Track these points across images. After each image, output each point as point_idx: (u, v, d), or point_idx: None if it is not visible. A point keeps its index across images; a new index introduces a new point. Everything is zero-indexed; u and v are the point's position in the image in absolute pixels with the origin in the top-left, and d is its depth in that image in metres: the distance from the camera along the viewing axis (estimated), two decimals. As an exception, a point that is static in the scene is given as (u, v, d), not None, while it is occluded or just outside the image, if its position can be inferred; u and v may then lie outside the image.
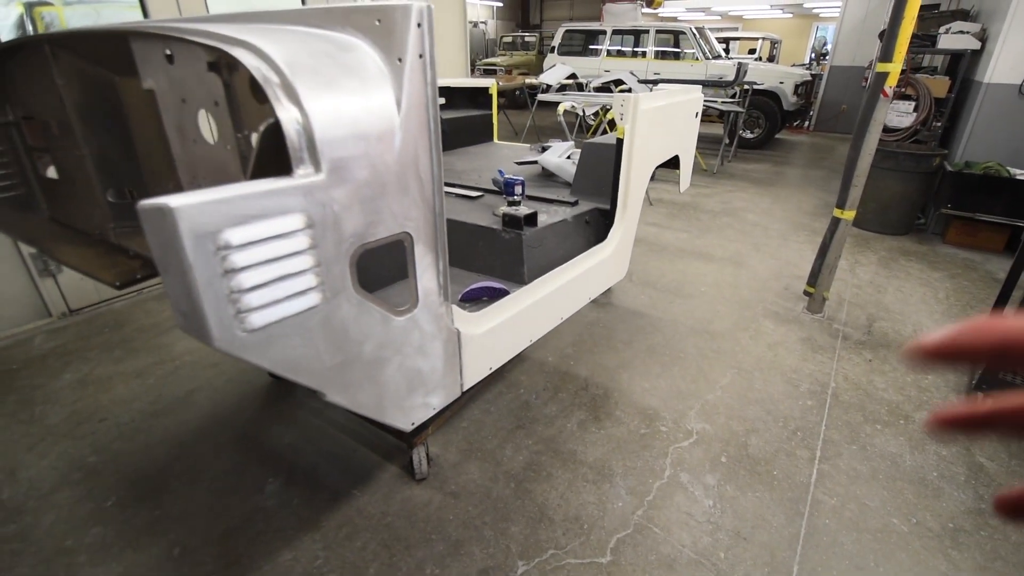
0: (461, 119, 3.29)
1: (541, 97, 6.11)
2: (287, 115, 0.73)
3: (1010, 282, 2.65)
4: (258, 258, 0.71)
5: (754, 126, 8.36)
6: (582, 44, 9.77)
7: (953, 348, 0.26)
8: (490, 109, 3.51)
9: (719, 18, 17.59)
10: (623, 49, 9.45)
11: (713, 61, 8.31)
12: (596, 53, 9.46)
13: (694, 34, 8.40)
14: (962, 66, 4.87)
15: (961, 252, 4.22)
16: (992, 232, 4.19)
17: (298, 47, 0.81)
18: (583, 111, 5.16)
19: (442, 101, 3.43)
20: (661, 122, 1.93)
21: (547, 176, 2.61)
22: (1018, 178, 4.01)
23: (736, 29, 16.95)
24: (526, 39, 15.02)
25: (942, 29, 5.03)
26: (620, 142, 1.78)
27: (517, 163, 2.77)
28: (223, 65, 0.83)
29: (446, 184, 1.98)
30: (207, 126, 0.92)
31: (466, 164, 2.92)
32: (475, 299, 1.60)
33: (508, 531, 1.65)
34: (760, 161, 7.46)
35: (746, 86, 7.17)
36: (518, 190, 1.80)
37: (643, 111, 1.74)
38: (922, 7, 6.73)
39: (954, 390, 2.46)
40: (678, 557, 1.59)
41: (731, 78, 7.73)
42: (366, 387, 0.96)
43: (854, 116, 9.89)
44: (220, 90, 0.84)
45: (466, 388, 1.24)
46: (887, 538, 1.69)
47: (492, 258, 1.75)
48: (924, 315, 3.14)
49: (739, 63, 7.09)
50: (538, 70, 12.44)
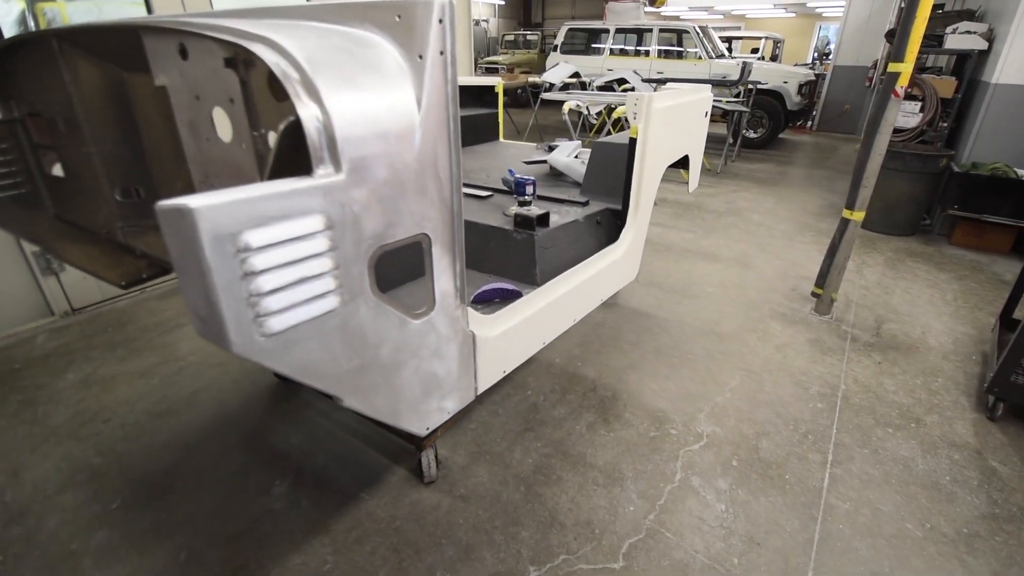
0: (467, 118, 3.26)
1: (546, 96, 6.08)
2: (307, 113, 0.71)
3: (1020, 285, 2.63)
4: (278, 261, 0.69)
5: (757, 126, 8.34)
6: (585, 43, 9.73)
7: None
8: (496, 108, 3.48)
9: (721, 17, 17.55)
10: (626, 48, 9.42)
11: (717, 60, 8.28)
12: (599, 52, 9.43)
13: (698, 33, 8.37)
14: (969, 66, 4.85)
15: (968, 253, 4.20)
16: (999, 233, 4.17)
17: (317, 43, 0.79)
18: (587, 110, 5.13)
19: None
20: (673, 121, 1.91)
21: (555, 176, 2.59)
22: (1026, 179, 3.98)
23: (739, 28, 16.93)
24: (528, 37, 14.99)
25: (949, 29, 5.00)
26: (633, 142, 1.76)
27: (526, 162, 2.74)
28: (240, 61, 0.81)
29: (455, 183, 1.95)
30: (222, 124, 0.90)
31: (474, 163, 2.90)
32: (487, 300, 1.58)
33: (519, 536, 1.64)
34: (764, 161, 7.44)
35: (750, 85, 7.14)
36: (529, 190, 1.78)
37: (656, 110, 1.72)
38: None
39: (964, 393, 2.44)
40: (691, 563, 1.57)
41: (734, 77, 7.70)
42: (382, 391, 0.94)
43: (857, 116, 9.88)
44: (236, 87, 0.82)
45: (480, 392, 1.22)
46: (902, 544, 1.67)
47: (504, 259, 1.73)
48: (932, 317, 3.12)
49: (744, 62, 7.05)
50: (540, 68, 12.41)
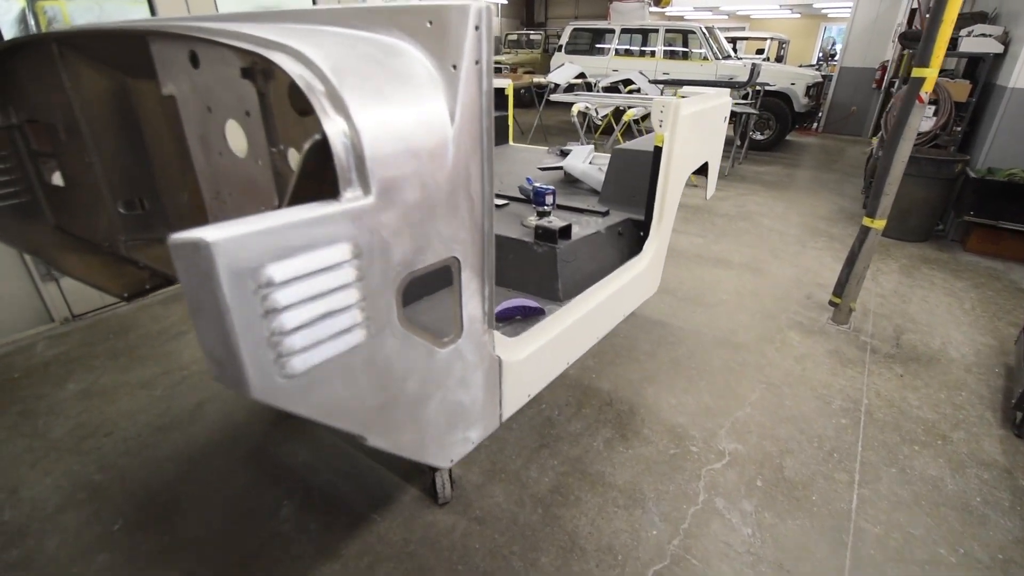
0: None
1: (554, 97, 6.00)
2: (334, 129, 0.64)
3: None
4: (302, 295, 0.62)
5: (764, 127, 8.26)
6: (589, 43, 9.65)
7: None
8: (505, 110, 3.41)
9: (726, 17, 17.46)
10: (631, 48, 9.34)
11: (723, 61, 8.21)
12: (604, 52, 9.35)
13: (704, 34, 8.29)
14: (983, 70, 4.78)
15: (983, 260, 4.12)
16: (1016, 240, 4.09)
17: (343, 51, 0.72)
18: (596, 112, 5.06)
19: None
20: (697, 128, 1.84)
21: (570, 182, 2.52)
22: (1044, 185, 3.91)
23: (743, 29, 16.84)
24: (531, 37, 14.90)
25: (963, 32, 4.92)
26: (658, 150, 1.68)
27: (541, 168, 2.67)
28: (258, 71, 0.74)
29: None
30: (236, 138, 0.83)
31: (483, 168, 2.82)
32: (508, 318, 1.51)
33: (538, 562, 1.57)
34: (771, 163, 7.37)
35: (757, 87, 7.07)
36: (549, 200, 1.71)
37: (683, 117, 1.65)
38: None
39: (990, 408, 2.37)
40: (719, 592, 1.50)
41: (741, 79, 7.63)
42: (408, 427, 0.87)
43: (864, 118, 9.79)
44: (253, 99, 0.75)
45: (505, 419, 1.16)
46: (936, 571, 1.60)
47: (523, 273, 1.66)
48: (952, 327, 3.05)
49: (753, 64, 6.98)
50: (544, 68, 12.32)
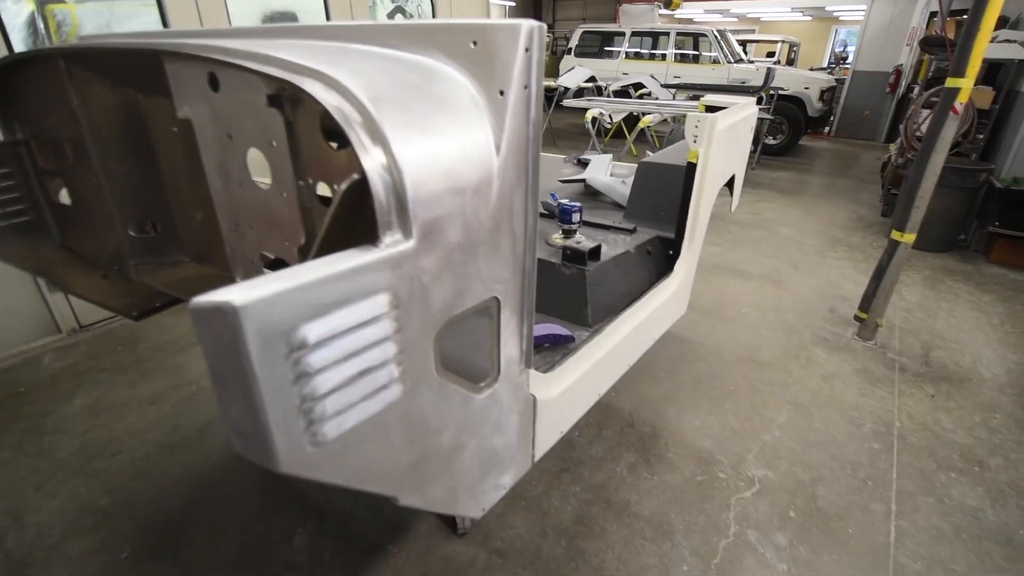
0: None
1: (567, 103, 5.91)
2: (375, 166, 0.57)
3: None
4: (336, 355, 0.55)
5: (776, 132, 8.15)
6: (599, 46, 9.57)
7: None
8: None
9: (736, 20, 17.34)
10: (641, 51, 9.25)
11: (735, 65, 8.11)
12: (614, 55, 9.26)
13: (716, 37, 8.20)
14: (1007, 76, 4.67)
15: (1008, 272, 4.01)
16: (1043, 252, 3.98)
17: (380, 77, 0.65)
18: (611, 118, 4.98)
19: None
20: (729, 141, 1.76)
21: (591, 194, 2.44)
22: (1073, 196, 3.80)
23: (753, 31, 16.72)
24: (540, 40, 14.81)
25: (986, 37, 4.81)
26: (692, 166, 1.60)
27: (561, 181, 2.59)
28: (286, 98, 0.67)
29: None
30: (258, 168, 0.76)
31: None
32: (537, 347, 1.43)
33: (564, 600, 1.49)
34: (784, 169, 7.26)
35: (771, 91, 6.97)
36: (575, 218, 1.64)
37: (719, 131, 1.57)
38: (958, 14, 6.50)
39: (1028, 431, 2.28)
40: (757, 636, 1.42)
41: (754, 82, 7.53)
42: (441, 481, 0.80)
43: (877, 122, 9.67)
44: (280, 128, 0.68)
45: (537, 460, 1.08)
46: (984, 613, 1.52)
47: (549, 296, 1.58)
48: (981, 343, 2.95)
49: (768, 68, 6.88)
50: (552, 71, 12.25)
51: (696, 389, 2.42)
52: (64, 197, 1.38)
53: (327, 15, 3.75)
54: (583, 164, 2.87)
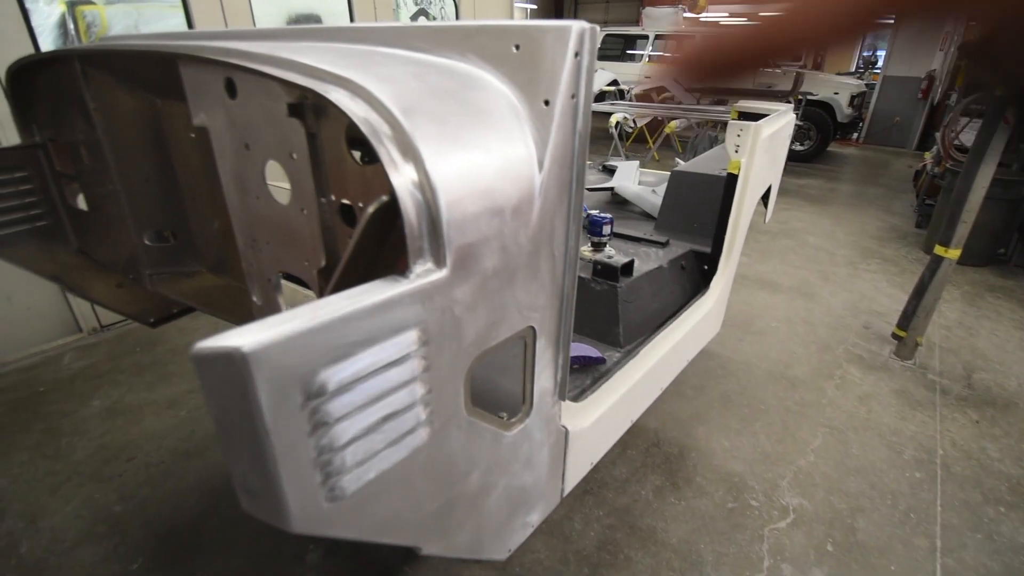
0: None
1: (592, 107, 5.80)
2: (406, 186, 0.50)
3: None
4: (357, 401, 0.48)
5: (804, 138, 7.95)
6: (621, 48, 9.45)
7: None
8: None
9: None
10: (665, 55, 9.10)
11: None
12: (636, 58, 9.14)
13: (743, 41, 8.02)
14: (1054, 82, 4.45)
15: (1054, 289, 3.82)
16: (1092, 268, 3.77)
17: (412, 84, 0.58)
18: (635, 122, 4.88)
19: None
20: (770, 150, 1.66)
21: (619, 203, 2.35)
22: None
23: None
24: (561, 43, 14.74)
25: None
26: (732, 177, 1.51)
27: (588, 189, 2.51)
28: (308, 107, 0.61)
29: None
30: (277, 181, 0.70)
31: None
32: (563, 365, 1.36)
33: (587, 635, 1.41)
34: (812, 176, 7.07)
35: (800, 96, 6.79)
36: (606, 230, 1.56)
37: (761, 140, 1.47)
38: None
39: (1083, 463, 2.12)
40: None
41: (781, 87, 7.34)
42: (467, 525, 0.73)
43: (908, 129, 9.37)
44: (301, 140, 0.62)
45: (566, 494, 1.01)
46: (1045, 666, 1.39)
47: (579, 314, 1.48)
48: (1028, 365, 2.79)
49: (797, 72, 6.71)
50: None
51: (725, 408, 2.32)
52: (82, 202, 1.34)
53: (351, 18, 3.72)
54: (609, 171, 2.78)
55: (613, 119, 4.75)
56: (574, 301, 0.76)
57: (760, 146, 1.46)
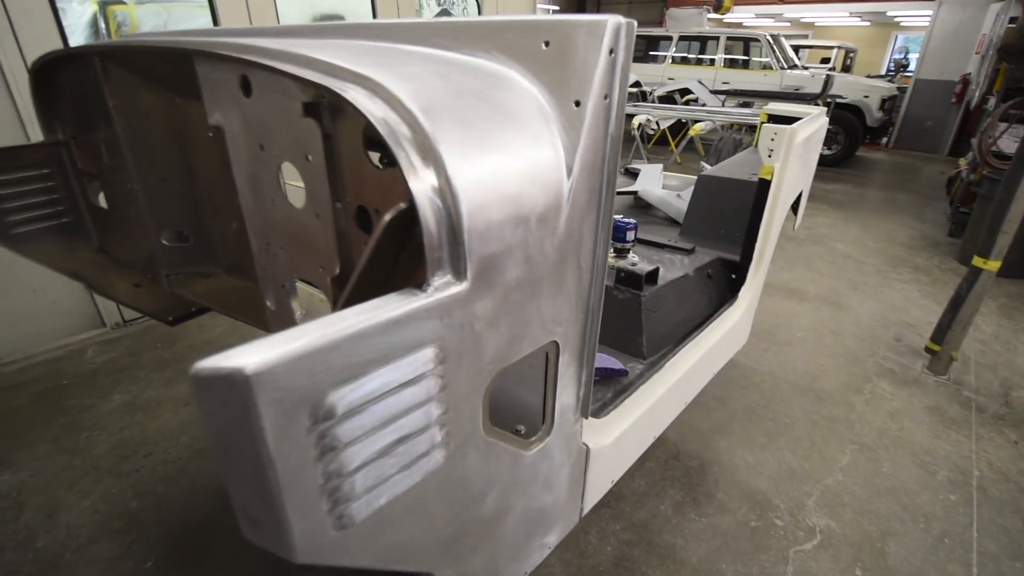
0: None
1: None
2: (424, 190, 0.47)
3: None
4: (368, 424, 0.45)
5: (831, 142, 7.75)
6: (644, 50, 9.33)
7: None
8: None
9: (788, 25, 16.71)
10: (688, 56, 8.97)
11: (788, 71, 7.75)
12: (659, 59, 9.02)
13: (769, 42, 7.86)
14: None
15: (1099, 303, 3.64)
16: None
17: (435, 83, 0.55)
18: (657, 124, 4.80)
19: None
20: (803, 155, 1.59)
21: (641, 207, 2.29)
22: None
23: (806, 36, 16.06)
24: (583, 44, 14.65)
25: (1078, 43, 4.41)
26: (765, 183, 1.45)
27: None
28: (324, 107, 0.58)
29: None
30: (292, 183, 0.68)
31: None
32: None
33: (603, 655, 1.36)
34: (839, 181, 6.89)
35: (828, 99, 6.62)
36: (630, 236, 1.51)
37: (796, 145, 1.41)
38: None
39: None
40: None
41: (808, 90, 7.17)
42: (482, 549, 0.69)
43: (940, 134, 9.07)
44: (316, 141, 0.59)
45: (585, 514, 0.96)
46: None
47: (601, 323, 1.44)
48: (1071, 384, 2.65)
49: (827, 75, 6.54)
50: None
51: (749, 421, 2.25)
52: (103, 201, 1.34)
53: (374, 18, 3.73)
54: (631, 174, 2.73)
55: (636, 121, 4.68)
56: (600, 314, 0.72)
57: (795, 151, 1.39)
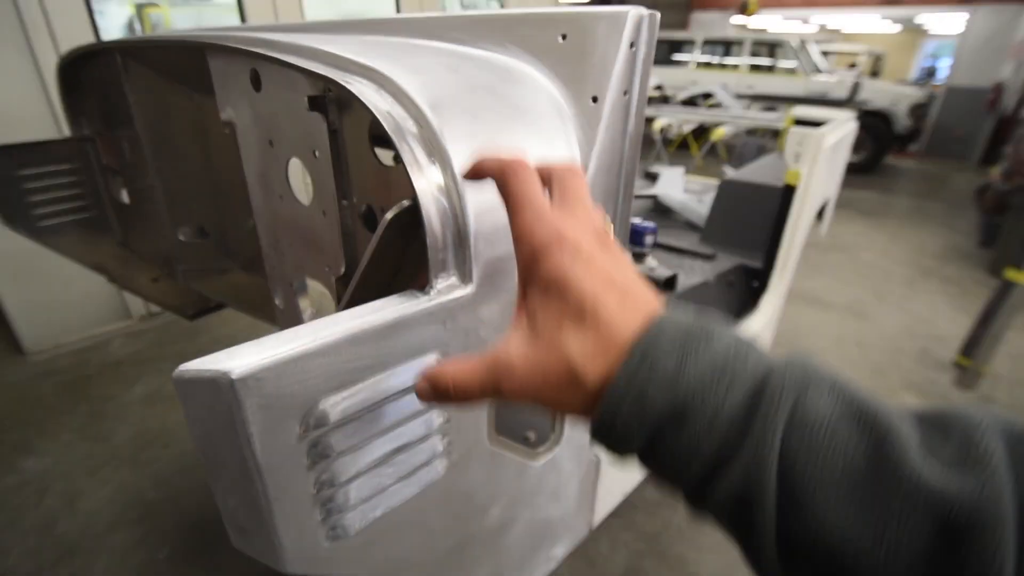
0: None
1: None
2: (428, 188, 0.45)
3: None
4: (365, 433, 0.43)
5: (858, 148, 7.55)
6: (667, 53, 9.22)
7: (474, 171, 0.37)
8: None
9: (816, 29, 16.38)
10: (711, 60, 8.82)
11: (815, 76, 7.57)
12: (683, 63, 8.90)
13: (796, 46, 7.69)
14: None
15: None
16: None
17: (444, 77, 0.53)
18: (681, 127, 4.73)
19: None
20: (831, 161, 1.53)
21: (661, 211, 2.25)
22: None
23: (832, 41, 15.72)
24: (606, 46, 14.57)
25: None
26: (790, 189, 1.40)
27: (629, 195, 2.41)
28: (331, 101, 0.57)
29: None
30: (300, 180, 0.66)
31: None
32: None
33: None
34: (866, 188, 6.71)
35: (857, 105, 6.46)
36: (648, 240, 1.47)
37: (824, 149, 1.36)
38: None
39: None
40: None
41: (836, 95, 7.00)
42: (485, 562, 0.67)
43: (971, 142, 8.76)
44: (323, 136, 0.58)
45: (595, 526, 0.93)
46: None
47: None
48: (1112, 403, 2.52)
49: (855, 81, 6.38)
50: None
51: (766, 432, 2.18)
52: (124, 197, 1.36)
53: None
54: (651, 177, 2.68)
55: (658, 124, 4.61)
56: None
57: (822, 156, 1.34)
